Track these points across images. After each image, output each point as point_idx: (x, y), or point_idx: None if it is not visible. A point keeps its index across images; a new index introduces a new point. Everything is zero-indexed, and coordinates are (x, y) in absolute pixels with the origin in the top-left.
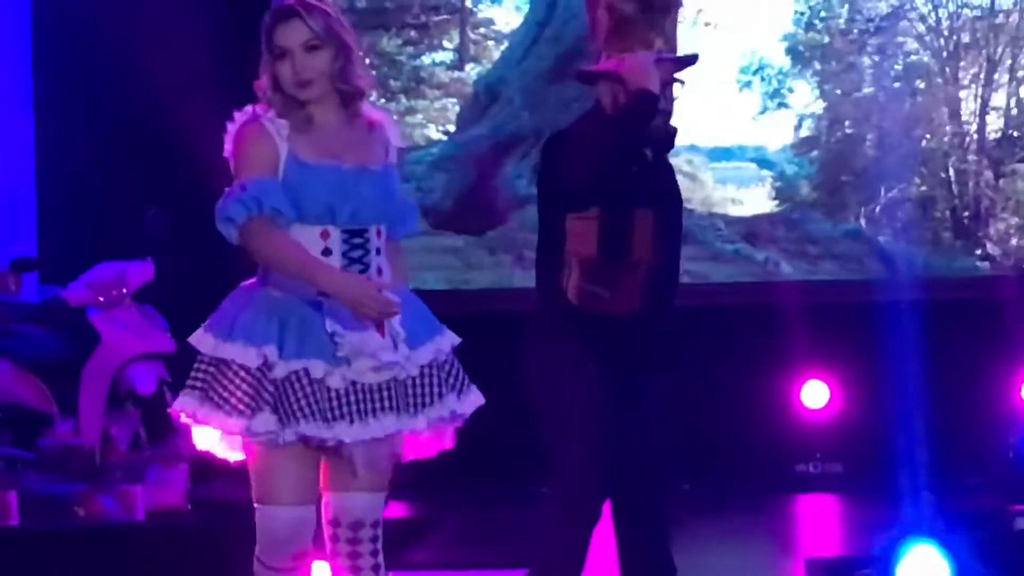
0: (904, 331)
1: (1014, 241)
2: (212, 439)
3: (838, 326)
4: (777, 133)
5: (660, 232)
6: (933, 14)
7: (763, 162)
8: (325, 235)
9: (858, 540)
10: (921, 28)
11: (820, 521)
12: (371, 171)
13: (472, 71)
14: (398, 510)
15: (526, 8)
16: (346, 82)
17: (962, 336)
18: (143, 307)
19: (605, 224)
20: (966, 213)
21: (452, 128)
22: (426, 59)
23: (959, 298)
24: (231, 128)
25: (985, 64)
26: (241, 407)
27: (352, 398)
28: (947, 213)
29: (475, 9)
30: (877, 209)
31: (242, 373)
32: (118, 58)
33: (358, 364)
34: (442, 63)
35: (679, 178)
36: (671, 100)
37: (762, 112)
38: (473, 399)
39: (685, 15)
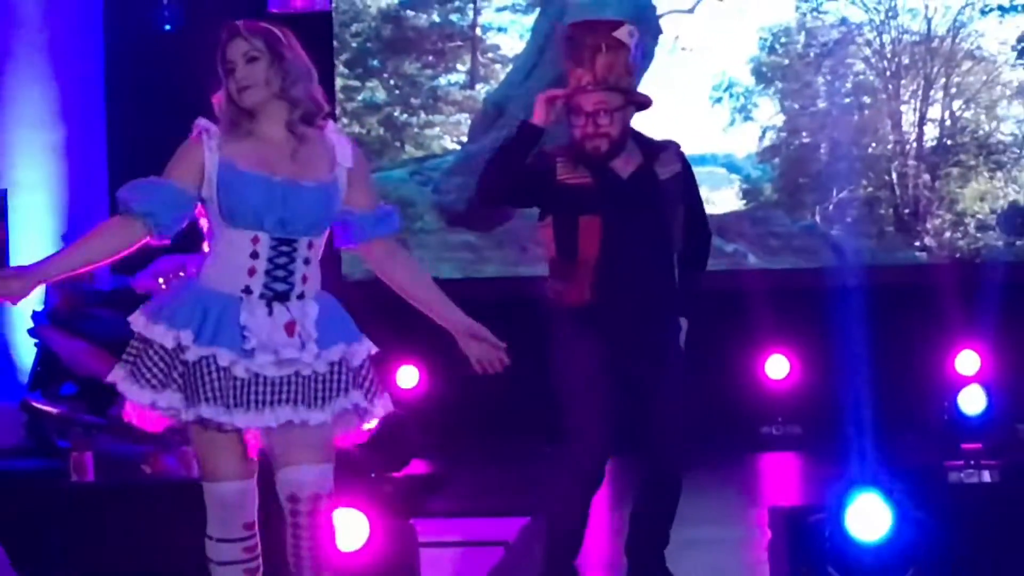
0: (853, 312)
1: (947, 235)
2: (140, 411)
3: (797, 308)
4: (744, 142)
5: (608, 235)
6: (878, 39)
7: (732, 167)
8: (255, 240)
9: (813, 491)
10: (867, 51)
11: (781, 475)
12: (304, 186)
13: (482, 90)
14: (420, 466)
15: (528, 36)
16: (289, 94)
17: (903, 316)
18: None
19: (556, 230)
20: (906, 211)
21: (464, 139)
22: (442, 80)
23: (900, 283)
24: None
25: (923, 82)
26: (154, 382)
27: (252, 388)
28: (890, 211)
29: (484, 37)
30: (830, 207)
31: (160, 352)
32: (184, 64)
33: (261, 358)
34: (456, 83)
35: None
36: (601, 125)
37: (731, 124)
38: (384, 403)
39: (665, 42)
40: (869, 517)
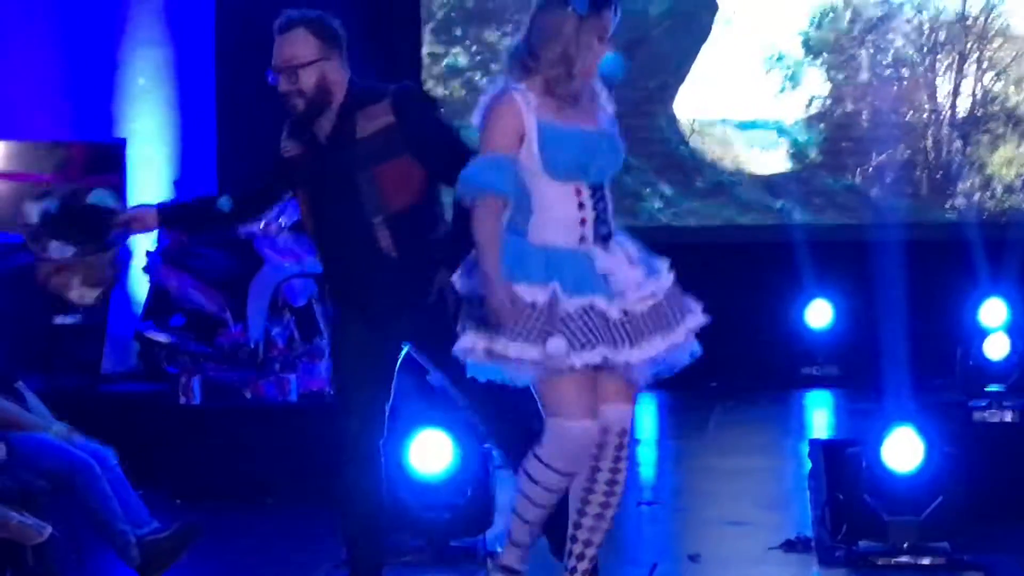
0: (889, 265)
1: (976, 196)
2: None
3: (837, 260)
4: (792, 109)
5: (316, 209)
6: (917, 17)
7: (781, 131)
8: (578, 191)
9: (852, 426)
10: (907, 28)
11: (821, 411)
12: (602, 133)
13: None
14: None
15: None
16: None
17: (935, 269)
18: (297, 236)
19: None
20: (939, 174)
21: None
22: None
23: (933, 239)
24: (483, 100)
25: (957, 57)
26: (535, 337)
27: (628, 326)
28: (924, 173)
29: None
30: (869, 169)
31: (533, 310)
32: None
33: (631, 295)
34: None
35: (716, 147)
36: (294, 81)
37: (780, 92)
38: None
39: (721, 18)
40: (903, 450)
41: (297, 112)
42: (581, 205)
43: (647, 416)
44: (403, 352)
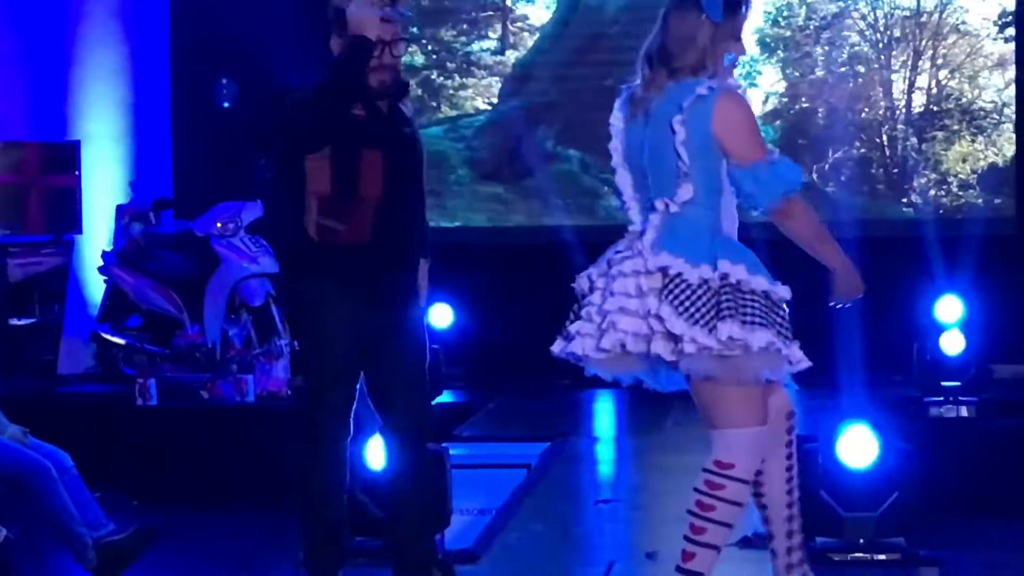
0: None
1: (932, 192)
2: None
3: (794, 257)
4: None
5: (389, 172)
6: (872, 14)
7: None
8: None
9: (807, 423)
10: (862, 25)
11: None
12: None
13: (511, 56)
14: (450, 395)
15: (554, 7)
16: None
17: (891, 266)
18: (254, 237)
19: (335, 163)
20: (896, 170)
21: (495, 100)
22: (475, 46)
23: (889, 236)
24: (727, 85)
25: (912, 53)
26: (787, 336)
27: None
28: (881, 170)
29: (514, 8)
30: (826, 166)
31: (782, 307)
32: (239, 47)
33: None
34: (488, 49)
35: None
36: (399, 56)
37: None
38: None
39: None
40: (858, 446)
41: (384, 86)
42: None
43: (605, 415)
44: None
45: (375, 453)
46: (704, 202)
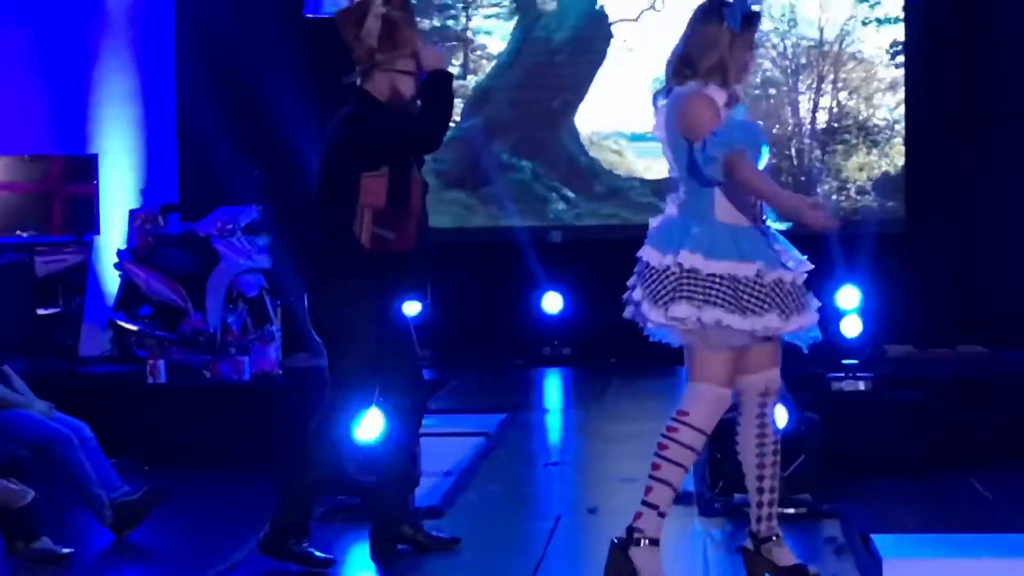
0: None
1: (834, 197)
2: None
3: None
4: None
5: (423, 188)
6: (781, 43)
7: None
8: None
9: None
10: (773, 53)
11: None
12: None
13: (472, 80)
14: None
15: (508, 38)
16: None
17: None
18: (249, 237)
19: (394, 180)
20: (802, 178)
21: (458, 119)
22: None
23: (795, 234)
24: (670, 100)
25: (816, 78)
26: (751, 309)
27: (797, 295)
28: (789, 178)
29: (474, 38)
30: None
31: (740, 284)
32: (238, 55)
33: (800, 268)
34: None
35: (611, 156)
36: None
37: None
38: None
39: (615, 44)
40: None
41: (413, 99)
42: None
43: (554, 389)
44: None
45: (370, 426)
46: (695, 195)
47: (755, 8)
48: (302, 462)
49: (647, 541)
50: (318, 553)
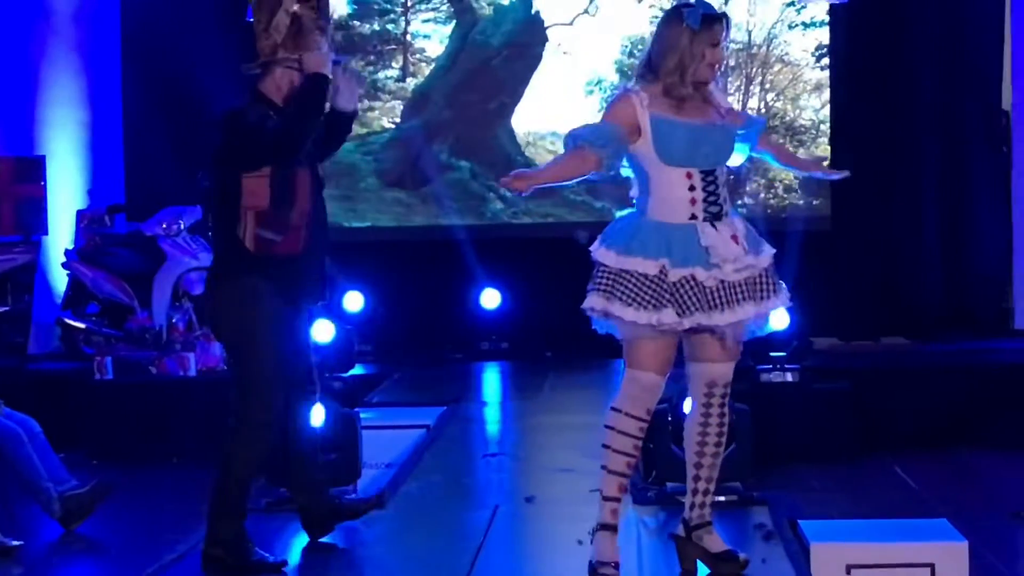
0: None
1: (762, 195)
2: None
3: None
4: None
5: (313, 187)
6: None
7: None
8: (689, 175)
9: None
10: None
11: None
12: (714, 127)
13: (411, 83)
14: (361, 368)
15: (446, 41)
16: None
17: None
18: (194, 237)
19: (275, 180)
20: (731, 176)
21: (398, 120)
22: (380, 74)
23: None
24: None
25: (744, 79)
26: (648, 304)
27: (723, 293)
28: None
29: (413, 42)
30: None
31: (642, 279)
32: (183, 57)
33: (727, 267)
34: (391, 77)
35: (547, 156)
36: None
37: (599, 111)
38: (783, 299)
39: (550, 48)
40: None
41: None
42: (692, 187)
43: (492, 383)
44: None
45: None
46: (640, 192)
47: (719, 11)
48: (225, 470)
49: (600, 527)
50: (271, 557)
